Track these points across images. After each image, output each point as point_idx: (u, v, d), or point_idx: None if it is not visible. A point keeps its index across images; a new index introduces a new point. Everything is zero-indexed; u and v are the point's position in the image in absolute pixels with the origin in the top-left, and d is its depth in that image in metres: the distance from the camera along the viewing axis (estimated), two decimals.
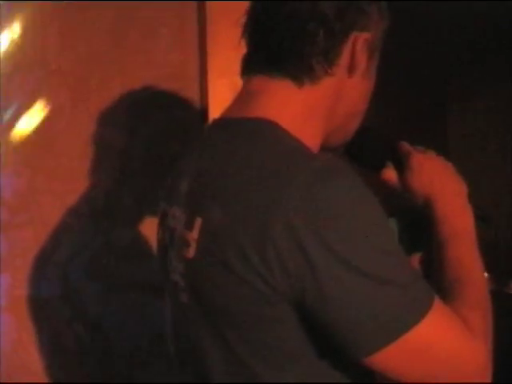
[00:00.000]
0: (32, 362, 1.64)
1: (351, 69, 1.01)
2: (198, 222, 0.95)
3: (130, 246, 1.73)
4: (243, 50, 1.05)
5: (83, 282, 1.69)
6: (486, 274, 1.07)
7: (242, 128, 0.99)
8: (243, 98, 1.03)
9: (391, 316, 0.86)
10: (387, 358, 0.88)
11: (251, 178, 0.90)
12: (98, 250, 1.70)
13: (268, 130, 0.96)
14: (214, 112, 1.64)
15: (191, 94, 1.78)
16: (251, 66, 1.03)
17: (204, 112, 1.77)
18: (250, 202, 0.88)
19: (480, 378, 0.93)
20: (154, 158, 1.76)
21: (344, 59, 1.00)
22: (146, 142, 1.76)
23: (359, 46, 1.00)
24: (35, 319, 1.64)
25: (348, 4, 0.98)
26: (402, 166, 1.19)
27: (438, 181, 1.16)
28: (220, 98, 1.06)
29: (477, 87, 2.69)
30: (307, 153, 0.94)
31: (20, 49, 1.61)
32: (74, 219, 1.68)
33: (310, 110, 1.01)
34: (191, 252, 0.96)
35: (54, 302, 1.65)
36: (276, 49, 0.99)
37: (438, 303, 0.90)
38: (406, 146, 1.22)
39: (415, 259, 1.22)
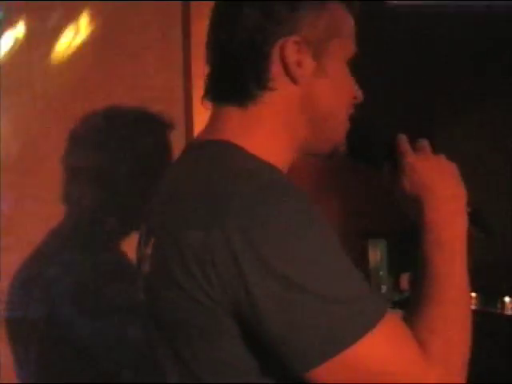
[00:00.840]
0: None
1: (291, 75, 0.99)
2: (152, 238, 0.98)
3: (116, 269, 1.74)
4: None
5: (69, 304, 1.68)
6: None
7: (200, 150, 1.00)
8: (208, 122, 1.05)
9: (330, 332, 0.85)
10: (326, 375, 0.86)
11: (198, 195, 0.91)
12: (84, 272, 1.70)
13: (222, 151, 0.97)
14: None
15: (176, 116, 1.80)
16: (207, 96, 1.05)
17: (189, 134, 1.78)
18: (195, 218, 0.89)
19: None
20: (139, 181, 1.77)
21: (276, 70, 0.99)
22: (132, 165, 1.77)
23: (289, 51, 0.98)
24: (22, 341, 1.63)
25: (264, 17, 0.97)
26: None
27: (430, 183, 1.04)
28: (205, 120, 1.07)
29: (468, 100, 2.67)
30: (256, 171, 0.93)
31: (6, 72, 1.62)
32: (60, 242, 1.68)
33: (264, 126, 1.00)
34: (147, 267, 0.99)
35: (40, 324, 1.65)
36: (214, 80, 1.03)
37: (389, 321, 0.88)
38: (403, 144, 1.10)
39: (404, 279, 1.22)
